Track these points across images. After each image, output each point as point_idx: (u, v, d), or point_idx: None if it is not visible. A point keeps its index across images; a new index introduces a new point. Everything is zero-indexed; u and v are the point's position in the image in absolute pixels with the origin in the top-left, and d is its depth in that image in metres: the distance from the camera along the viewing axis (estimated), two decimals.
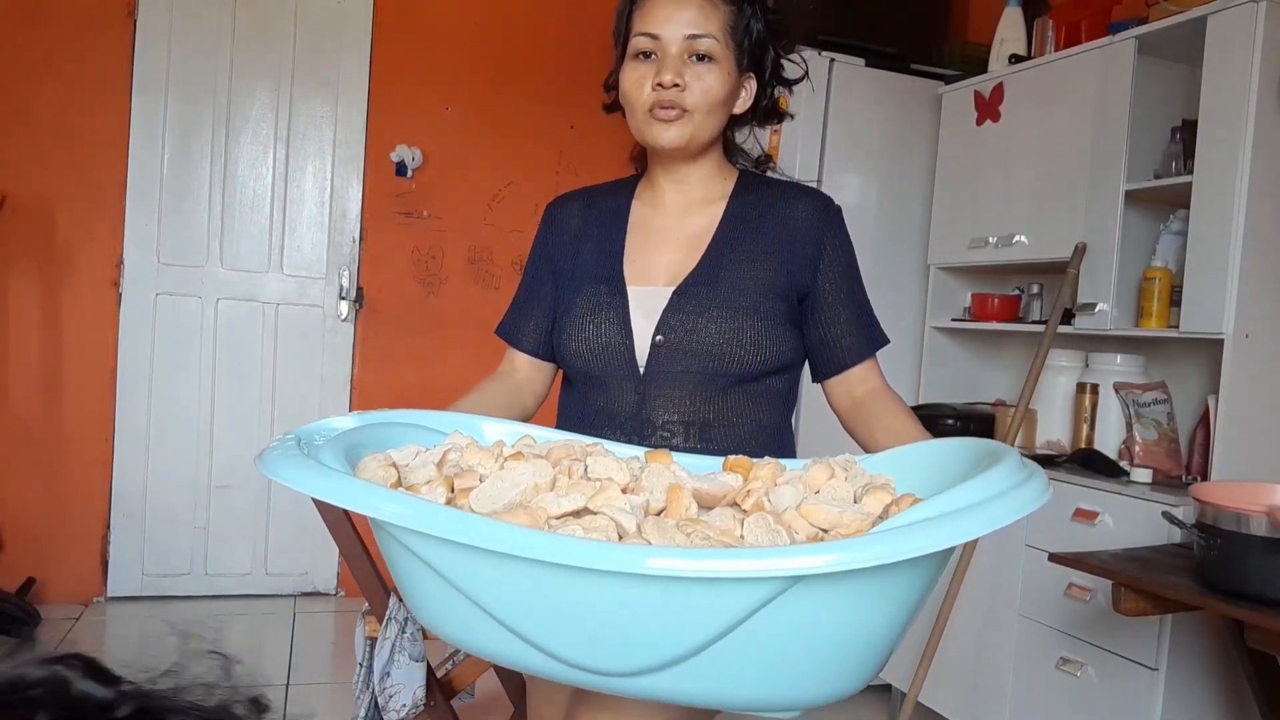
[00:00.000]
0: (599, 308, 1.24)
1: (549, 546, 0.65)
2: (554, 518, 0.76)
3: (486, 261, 3.74)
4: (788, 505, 0.84)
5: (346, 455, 0.86)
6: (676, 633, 0.66)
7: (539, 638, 0.70)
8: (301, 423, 3.20)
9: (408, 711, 1.86)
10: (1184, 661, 2.08)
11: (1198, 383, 2.44)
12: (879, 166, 3.02)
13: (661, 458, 0.95)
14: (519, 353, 1.36)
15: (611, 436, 1.19)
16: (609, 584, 0.65)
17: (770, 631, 0.66)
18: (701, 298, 1.21)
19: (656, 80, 1.17)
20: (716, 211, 1.28)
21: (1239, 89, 2.09)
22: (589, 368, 1.24)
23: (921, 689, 2.49)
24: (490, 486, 0.80)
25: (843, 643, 0.70)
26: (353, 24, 3.53)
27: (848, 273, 1.28)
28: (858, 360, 1.26)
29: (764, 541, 0.75)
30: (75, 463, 3.32)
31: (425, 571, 0.72)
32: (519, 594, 0.69)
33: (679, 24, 1.18)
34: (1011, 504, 0.69)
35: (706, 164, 1.28)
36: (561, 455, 0.91)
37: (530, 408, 1.35)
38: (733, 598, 0.64)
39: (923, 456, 0.99)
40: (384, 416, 1.03)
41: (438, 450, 0.94)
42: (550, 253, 1.35)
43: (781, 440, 1.28)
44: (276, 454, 0.79)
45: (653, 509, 0.83)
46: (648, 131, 1.21)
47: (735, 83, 1.23)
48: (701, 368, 1.19)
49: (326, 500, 0.72)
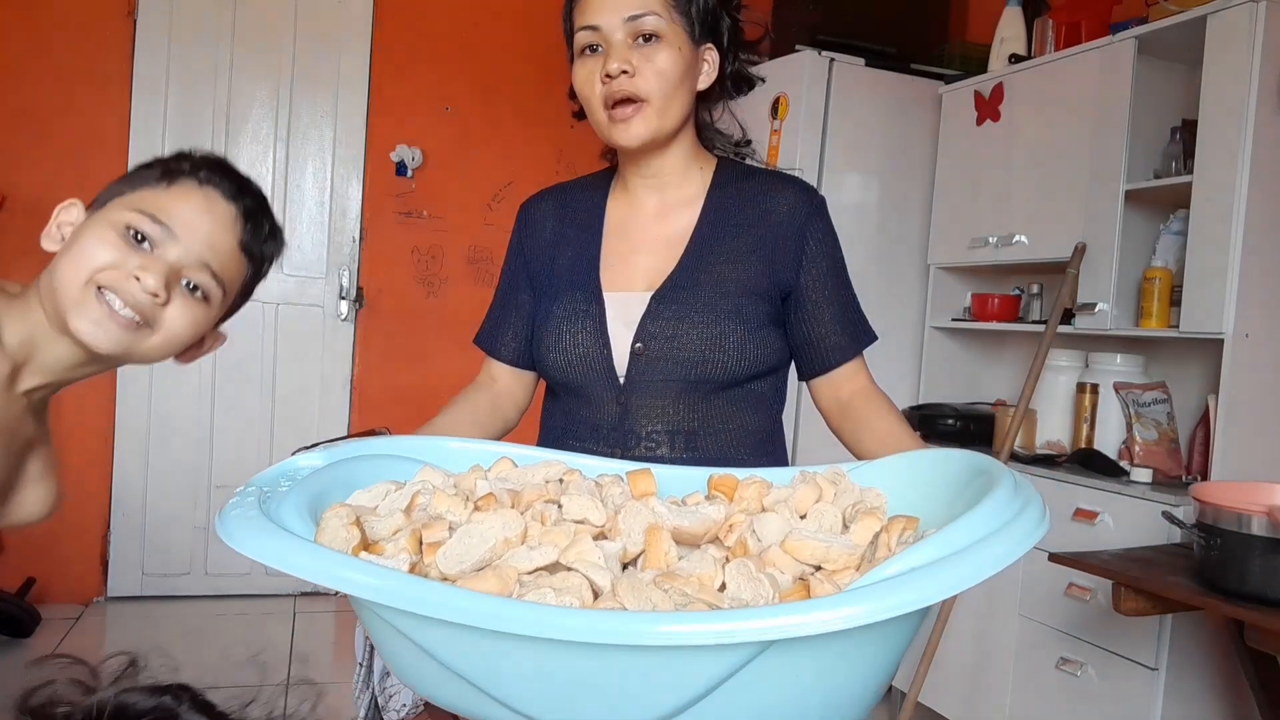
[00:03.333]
0: (575, 316, 1.18)
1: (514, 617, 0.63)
2: (525, 574, 0.74)
3: (486, 261, 3.74)
4: (772, 541, 0.81)
5: (311, 505, 0.83)
6: (653, 695, 0.65)
7: (514, 701, 0.69)
8: (300, 423, 3.20)
9: (408, 711, 1.86)
10: (1184, 661, 2.08)
11: (1198, 383, 2.44)
12: (879, 166, 3.02)
13: (643, 479, 0.91)
14: (498, 362, 1.30)
15: (595, 448, 1.16)
16: (575, 652, 0.63)
17: (749, 691, 0.65)
18: (681, 302, 1.15)
19: (604, 72, 1.11)
20: (694, 209, 1.22)
21: (1239, 89, 2.09)
22: (568, 379, 1.20)
23: (921, 689, 2.49)
24: (458, 544, 0.77)
25: (827, 694, 0.68)
26: (353, 24, 3.54)
27: (833, 269, 1.21)
28: (843, 360, 1.21)
29: (745, 592, 0.72)
30: (75, 463, 3.32)
31: (396, 636, 0.70)
32: (485, 658, 0.67)
33: (617, 8, 1.11)
34: (1001, 548, 0.67)
35: (678, 152, 1.21)
36: (534, 497, 0.87)
37: (512, 419, 1.30)
38: (706, 662, 0.63)
39: (913, 469, 0.95)
40: (353, 450, 0.98)
41: (406, 493, 0.90)
42: (526, 257, 1.30)
43: (771, 443, 1.24)
44: (235, 515, 0.76)
45: (630, 554, 0.81)
46: (610, 133, 1.15)
47: (692, 57, 1.15)
48: (683, 375, 1.14)
49: (288, 573, 0.70)
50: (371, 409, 3.59)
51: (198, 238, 0.99)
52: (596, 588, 0.72)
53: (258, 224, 1.05)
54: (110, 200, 0.99)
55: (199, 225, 0.99)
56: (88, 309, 0.94)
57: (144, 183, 1.00)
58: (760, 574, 0.74)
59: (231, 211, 1.02)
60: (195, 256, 0.99)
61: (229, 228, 1.01)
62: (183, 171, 1.01)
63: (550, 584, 0.71)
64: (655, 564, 0.79)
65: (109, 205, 0.99)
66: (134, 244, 0.96)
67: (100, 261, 0.94)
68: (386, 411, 3.55)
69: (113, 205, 0.98)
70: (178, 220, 0.98)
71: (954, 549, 0.67)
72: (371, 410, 3.58)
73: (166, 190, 0.99)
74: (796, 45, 2.95)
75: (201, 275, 0.99)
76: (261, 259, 1.07)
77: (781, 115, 2.96)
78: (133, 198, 0.98)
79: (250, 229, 1.04)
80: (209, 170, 1.03)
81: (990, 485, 0.76)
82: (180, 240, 0.98)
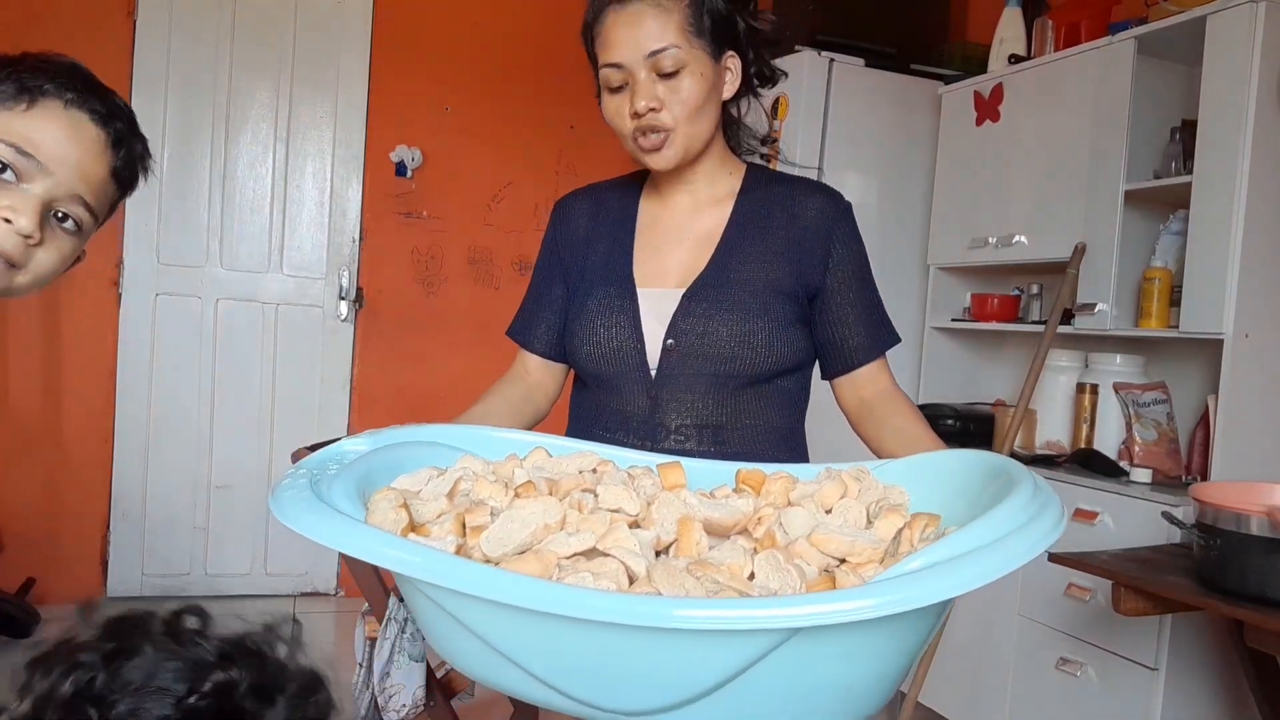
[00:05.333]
0: (610, 310, 1.23)
1: (555, 599, 0.67)
2: (564, 558, 0.77)
3: (486, 261, 3.74)
4: (799, 534, 0.84)
5: (359, 487, 0.87)
6: (683, 677, 0.68)
7: (548, 676, 0.72)
8: (300, 423, 3.21)
9: (408, 711, 1.86)
10: (1184, 661, 2.08)
11: (1197, 383, 2.44)
12: (879, 167, 3.02)
13: (674, 472, 0.94)
14: (531, 355, 1.35)
15: (624, 439, 1.20)
16: (609, 633, 0.67)
17: (774, 677, 0.67)
18: (711, 300, 1.19)
19: (632, 110, 1.15)
20: (725, 210, 1.26)
21: (1239, 89, 2.09)
22: (601, 371, 1.24)
23: (921, 689, 2.49)
24: (500, 528, 0.81)
25: (848, 682, 0.71)
26: (353, 24, 3.53)
27: (858, 271, 1.26)
28: (866, 360, 1.25)
29: (773, 581, 0.76)
30: (75, 463, 3.32)
31: (438, 612, 0.74)
32: (526, 636, 0.71)
33: (637, 45, 1.14)
34: (1020, 546, 0.69)
35: (709, 160, 1.25)
36: (571, 486, 0.91)
37: (543, 409, 1.34)
38: (733, 648, 0.66)
39: (936, 468, 0.98)
40: (396, 436, 1.02)
41: (448, 478, 0.94)
42: (560, 253, 1.34)
43: (794, 441, 1.28)
44: (290, 496, 0.79)
45: (664, 542, 0.84)
46: (640, 158, 1.20)
47: (715, 76, 1.19)
48: (713, 370, 1.18)
49: (342, 551, 0.75)
50: (371, 409, 3.59)
51: (68, 168, 0.90)
52: (632, 573, 0.76)
53: (130, 149, 0.96)
54: None
55: (68, 155, 0.90)
56: None
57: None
58: (788, 565, 0.77)
59: (103, 138, 0.93)
60: (66, 189, 0.91)
61: (100, 155, 0.93)
62: (44, 91, 0.90)
63: (589, 568, 0.75)
64: (687, 553, 0.82)
65: None
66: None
67: None
68: (386, 411, 3.55)
69: None
70: (44, 150, 0.89)
71: (974, 546, 0.69)
72: (371, 410, 3.58)
73: (26, 112, 0.89)
74: (796, 45, 2.95)
75: (74, 207, 0.93)
76: (132, 182, 1.00)
77: (781, 115, 2.96)
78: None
79: (124, 155, 0.96)
80: (74, 90, 0.91)
81: (1011, 486, 0.78)
82: (50, 173, 0.89)
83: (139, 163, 0.99)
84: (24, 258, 0.91)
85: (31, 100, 0.89)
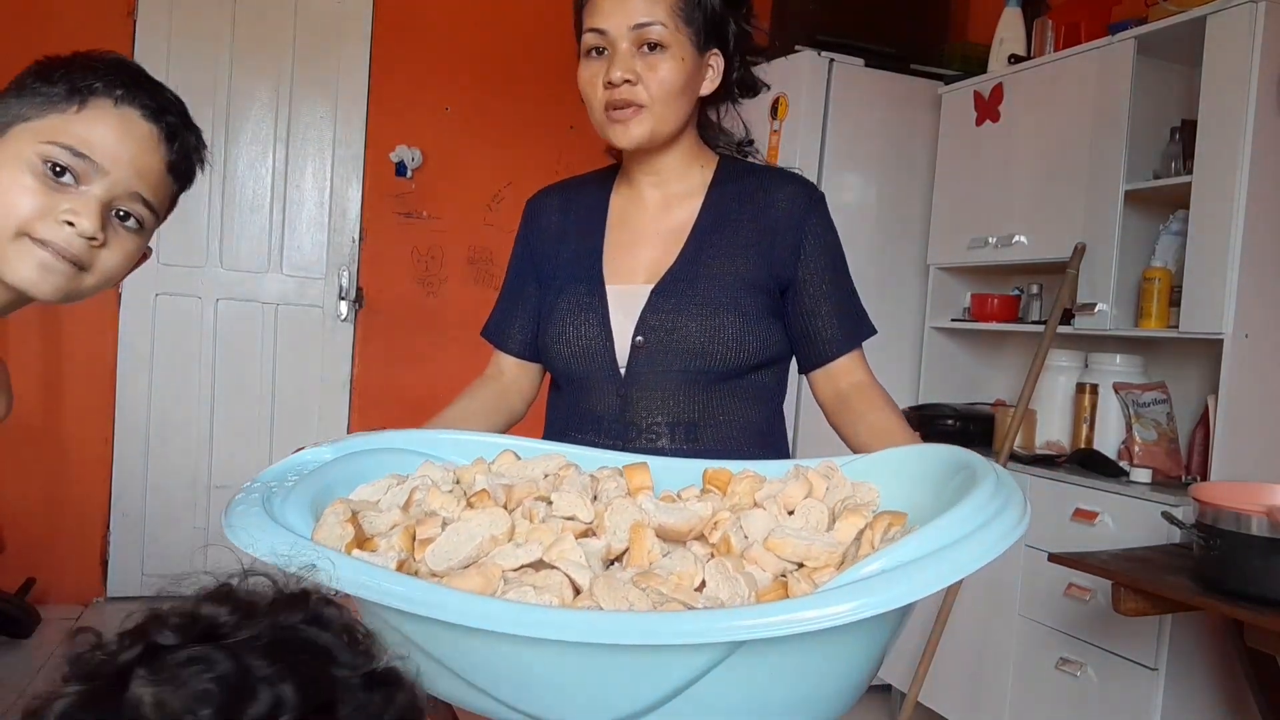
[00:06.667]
0: (578, 309, 1.21)
1: (488, 615, 0.67)
2: (511, 570, 0.76)
3: (486, 262, 3.74)
4: (755, 538, 0.82)
5: (316, 500, 0.85)
6: (628, 691, 0.68)
7: (492, 689, 0.72)
8: (300, 423, 3.20)
9: None
10: (1184, 661, 2.08)
11: (1197, 383, 2.44)
12: (879, 167, 3.02)
13: (639, 473, 0.92)
14: (505, 355, 1.33)
15: (596, 440, 1.18)
16: (549, 648, 0.66)
17: (722, 691, 0.67)
18: (680, 295, 1.17)
19: (606, 78, 1.14)
20: (695, 204, 1.24)
21: (1238, 89, 2.09)
22: (571, 370, 1.22)
23: (921, 689, 2.49)
24: (446, 541, 0.80)
25: (805, 689, 0.70)
26: (353, 24, 3.53)
27: (831, 263, 1.23)
28: (840, 353, 1.22)
29: (723, 591, 0.74)
30: (75, 463, 3.32)
31: (386, 627, 0.74)
32: (468, 651, 0.71)
33: (625, 14, 1.13)
34: (978, 549, 0.68)
35: (679, 152, 1.23)
36: (525, 494, 0.89)
37: (519, 410, 1.33)
38: (677, 661, 0.65)
39: (902, 464, 0.96)
40: (362, 443, 1.00)
41: (405, 489, 0.93)
42: (531, 251, 1.32)
43: (772, 435, 1.25)
44: (239, 511, 0.79)
45: (615, 551, 0.83)
46: (607, 131, 1.18)
47: (695, 65, 1.17)
48: (684, 367, 1.16)
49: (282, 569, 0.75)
50: (371, 409, 3.59)
51: (123, 166, 0.91)
52: (577, 585, 0.74)
53: (184, 142, 0.97)
54: (11, 126, 0.90)
55: (122, 153, 0.91)
56: (23, 260, 0.89)
57: (50, 105, 0.90)
58: (737, 574, 0.76)
59: (155, 133, 0.93)
60: (124, 187, 0.92)
61: (154, 150, 0.94)
62: (94, 90, 0.90)
63: (532, 581, 0.74)
64: (638, 561, 0.81)
65: (11, 134, 0.90)
66: (55, 181, 0.88)
67: (25, 212, 0.88)
68: (386, 411, 3.55)
69: (18, 135, 0.89)
70: (99, 151, 0.89)
71: (930, 549, 0.67)
72: (371, 410, 3.58)
73: (79, 114, 0.90)
74: (796, 45, 2.95)
75: (134, 205, 0.93)
76: (189, 175, 1.00)
77: (781, 115, 2.96)
78: (40, 126, 0.89)
79: (178, 149, 0.96)
80: (124, 87, 0.92)
81: (971, 483, 0.77)
82: (107, 172, 0.90)
83: (194, 155, 1.00)
84: (89, 259, 0.92)
85: (83, 101, 0.90)
